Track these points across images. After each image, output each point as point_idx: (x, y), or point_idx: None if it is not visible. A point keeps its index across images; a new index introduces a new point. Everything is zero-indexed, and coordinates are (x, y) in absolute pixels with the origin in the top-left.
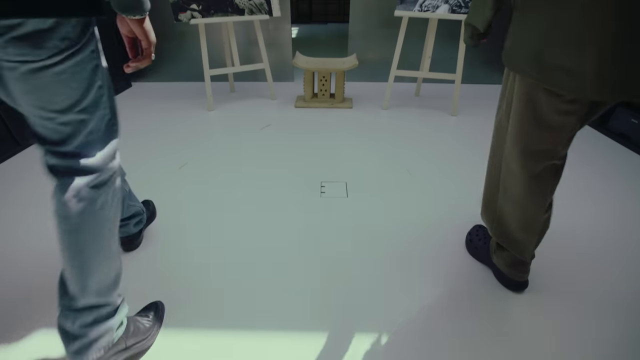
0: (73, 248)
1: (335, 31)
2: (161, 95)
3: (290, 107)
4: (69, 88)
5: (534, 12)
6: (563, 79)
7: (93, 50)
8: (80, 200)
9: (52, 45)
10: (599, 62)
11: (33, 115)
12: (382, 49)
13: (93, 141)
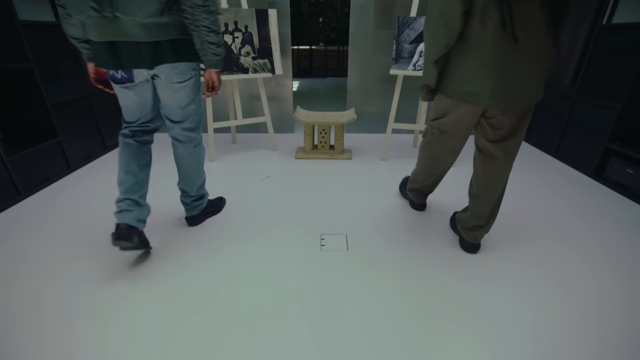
0: (184, 168)
1: (334, 84)
2: (165, 145)
3: (290, 158)
4: (190, 93)
5: (456, 65)
6: (471, 98)
7: (198, 76)
8: (190, 150)
9: (189, 73)
10: (490, 89)
11: (169, 107)
12: (379, 103)
13: (195, 121)
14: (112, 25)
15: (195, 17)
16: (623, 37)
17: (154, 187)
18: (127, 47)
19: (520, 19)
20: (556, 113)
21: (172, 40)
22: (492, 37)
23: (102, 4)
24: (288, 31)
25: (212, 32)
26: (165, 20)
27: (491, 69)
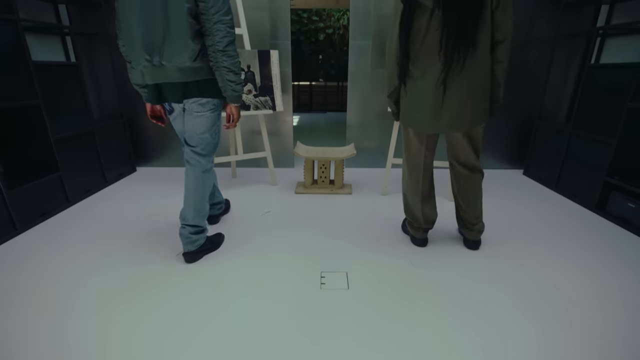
0: (191, 193)
1: (334, 119)
2: (164, 181)
3: (290, 193)
4: (206, 123)
5: (406, 97)
6: (415, 124)
7: (219, 111)
8: (198, 174)
9: (209, 107)
10: (426, 118)
11: (188, 131)
12: (379, 138)
13: (207, 149)
14: (159, 71)
15: (217, 60)
16: (611, 75)
17: (161, 218)
18: (168, 86)
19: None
20: (554, 147)
21: (198, 81)
22: (431, 87)
23: (152, 56)
24: (289, 70)
25: (231, 72)
26: (198, 64)
27: (429, 104)
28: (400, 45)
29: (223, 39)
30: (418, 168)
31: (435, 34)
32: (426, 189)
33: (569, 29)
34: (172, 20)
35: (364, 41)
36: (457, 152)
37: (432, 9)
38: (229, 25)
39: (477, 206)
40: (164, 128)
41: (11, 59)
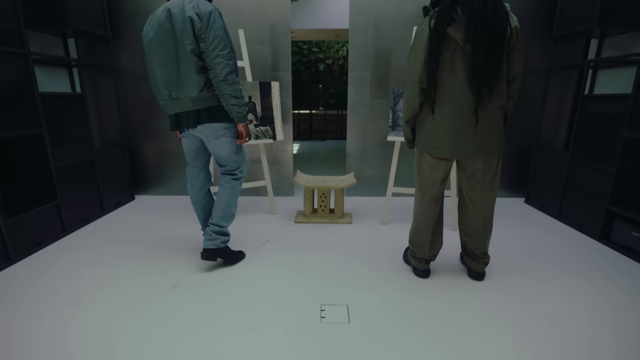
0: (221, 197)
1: (334, 147)
2: (163, 209)
3: (290, 223)
4: (226, 145)
5: (426, 124)
6: (436, 150)
7: (233, 132)
8: (227, 181)
9: (222, 132)
10: (450, 144)
11: (215, 155)
12: (379, 167)
13: (235, 166)
14: (176, 103)
15: (220, 88)
16: (605, 106)
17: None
18: (183, 115)
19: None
20: (554, 175)
21: (208, 108)
22: (456, 114)
23: (170, 90)
24: (289, 100)
25: (232, 97)
26: (205, 94)
27: (453, 132)
28: (430, 75)
29: (222, 71)
30: (432, 196)
31: (461, 66)
32: (437, 218)
33: (562, 61)
34: (181, 60)
35: (362, 73)
36: (473, 181)
37: (462, 45)
38: (227, 58)
39: (486, 239)
40: (164, 155)
41: (19, 91)
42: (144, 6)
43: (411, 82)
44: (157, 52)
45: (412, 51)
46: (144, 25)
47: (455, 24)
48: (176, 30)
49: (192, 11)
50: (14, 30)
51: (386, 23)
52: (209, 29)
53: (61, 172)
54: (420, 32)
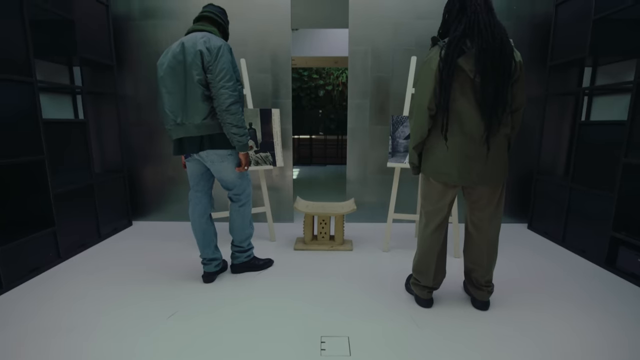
0: (233, 223)
1: (334, 172)
2: (161, 235)
3: (289, 250)
4: (231, 170)
5: (435, 150)
6: (444, 177)
7: (236, 158)
8: (236, 208)
9: (225, 158)
10: (458, 171)
11: (220, 179)
12: (379, 193)
13: (240, 190)
14: (181, 128)
15: (222, 117)
16: (603, 132)
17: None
18: (187, 140)
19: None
20: (556, 201)
21: (211, 135)
22: (464, 142)
23: (176, 116)
24: (289, 126)
25: (234, 126)
26: (209, 122)
27: (460, 157)
28: (442, 103)
29: (226, 101)
30: (438, 223)
31: (470, 95)
32: (442, 246)
33: (558, 88)
34: (188, 88)
35: (362, 100)
36: (478, 208)
37: (472, 76)
38: (231, 89)
39: (491, 267)
40: (163, 181)
41: (24, 118)
42: (147, 37)
43: (421, 108)
44: (169, 81)
45: (420, 79)
46: (160, 56)
47: (465, 56)
48: (187, 61)
49: (203, 45)
50: (22, 59)
51: (384, 52)
52: (217, 62)
53: (60, 197)
54: (429, 61)
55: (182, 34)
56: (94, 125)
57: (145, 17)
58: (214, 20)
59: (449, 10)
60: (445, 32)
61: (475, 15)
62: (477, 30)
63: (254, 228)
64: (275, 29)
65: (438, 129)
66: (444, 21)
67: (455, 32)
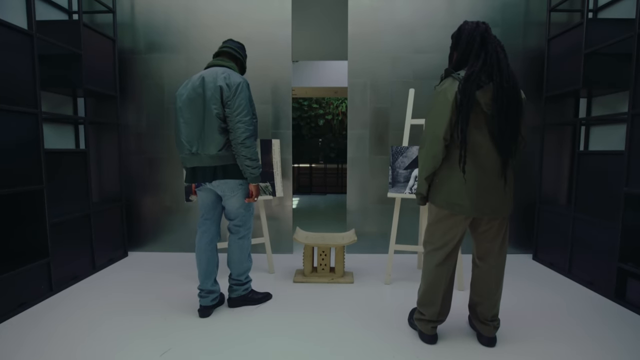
0: (231, 255)
1: (334, 201)
2: (156, 267)
3: (288, 282)
4: (238, 201)
5: (443, 182)
6: (458, 208)
7: (246, 189)
8: (235, 240)
9: (237, 188)
10: (472, 202)
11: (228, 210)
12: (380, 223)
13: (243, 221)
14: (196, 158)
15: (237, 150)
16: (602, 162)
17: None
18: (201, 169)
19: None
20: (560, 231)
21: (224, 166)
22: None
23: (192, 146)
24: (289, 156)
25: (248, 159)
26: (224, 153)
27: (475, 189)
28: (461, 135)
29: (242, 134)
30: (446, 256)
31: (485, 128)
32: (450, 279)
33: (555, 118)
34: (206, 121)
35: (361, 131)
36: (487, 239)
37: (486, 109)
38: (247, 124)
39: (498, 300)
40: (160, 211)
41: (26, 148)
42: (151, 69)
43: (436, 138)
44: (187, 111)
45: (435, 108)
46: (179, 87)
47: (481, 90)
48: (206, 95)
49: (223, 81)
50: (29, 91)
51: (383, 85)
52: (236, 98)
53: (55, 227)
54: (444, 91)
55: (183, 66)
56: (94, 154)
57: (149, 50)
58: (233, 56)
59: (467, 44)
60: (459, 65)
61: (496, 54)
62: (497, 68)
63: (252, 261)
64: (276, 62)
65: (451, 159)
66: (461, 54)
67: (474, 67)
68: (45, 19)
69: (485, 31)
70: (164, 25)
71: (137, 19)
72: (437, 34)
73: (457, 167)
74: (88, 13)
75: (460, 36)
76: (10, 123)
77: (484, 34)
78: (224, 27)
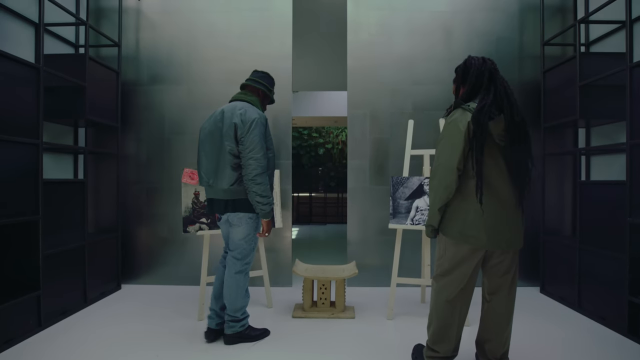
0: (226, 290)
1: (334, 232)
2: (150, 300)
3: (287, 317)
4: (242, 233)
5: (456, 214)
6: (473, 240)
7: (253, 223)
8: (231, 274)
9: (245, 221)
10: (486, 234)
11: (231, 240)
12: (381, 255)
13: (242, 254)
14: (211, 190)
15: (248, 185)
16: (604, 192)
17: None
18: (216, 201)
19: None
20: (567, 263)
21: (234, 200)
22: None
23: (209, 179)
24: (289, 187)
25: (258, 195)
26: (235, 188)
27: (491, 220)
28: (476, 166)
29: (253, 171)
30: (460, 290)
31: (498, 159)
32: (465, 315)
33: (554, 148)
34: (221, 155)
35: (361, 161)
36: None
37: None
38: (259, 161)
39: (508, 337)
40: (156, 242)
41: (24, 178)
42: (153, 100)
43: (449, 169)
44: (207, 144)
45: (448, 139)
46: (204, 121)
47: (493, 121)
48: (223, 130)
49: (238, 118)
50: (31, 122)
51: (383, 116)
52: (249, 134)
53: (49, 259)
54: (455, 121)
55: (185, 97)
56: (92, 183)
57: (152, 82)
58: (255, 88)
59: (477, 78)
60: (467, 98)
61: (504, 89)
62: (507, 102)
63: (249, 297)
64: (277, 94)
65: (464, 190)
66: (471, 88)
67: (486, 100)
68: (53, 53)
69: (493, 67)
70: (167, 58)
71: (141, 53)
72: (436, 67)
73: (471, 198)
74: (94, 47)
75: (467, 70)
76: (11, 153)
77: (492, 70)
78: (225, 61)
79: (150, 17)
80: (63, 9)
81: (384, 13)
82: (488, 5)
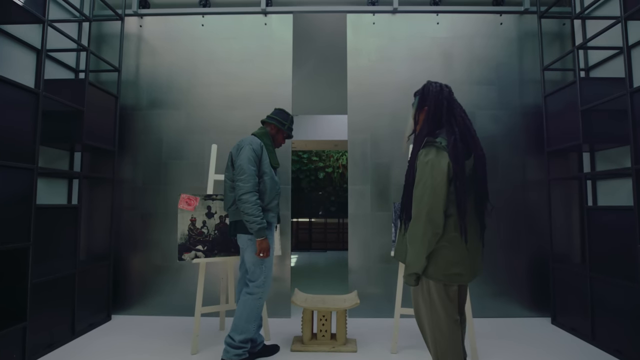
0: (238, 311)
1: (334, 259)
2: (141, 332)
3: (285, 351)
4: (250, 255)
5: (437, 256)
6: (457, 278)
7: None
8: (243, 292)
9: (247, 243)
10: (469, 269)
11: (244, 261)
12: (383, 284)
13: (255, 276)
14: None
15: (238, 205)
16: (612, 217)
17: None
18: (229, 224)
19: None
20: (578, 292)
21: (235, 221)
22: (474, 238)
23: (225, 204)
24: (288, 212)
25: (245, 213)
26: (233, 209)
27: (470, 255)
28: (461, 204)
29: (239, 191)
30: (457, 325)
31: (471, 196)
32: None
33: (559, 173)
34: (226, 182)
35: (362, 186)
36: (462, 299)
37: (472, 183)
38: (244, 182)
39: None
40: (149, 270)
41: (17, 204)
42: (151, 124)
43: (437, 212)
44: (228, 172)
45: (433, 182)
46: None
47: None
48: (228, 160)
49: (236, 147)
50: (28, 147)
51: (383, 140)
52: (237, 159)
53: (37, 288)
54: (438, 163)
55: (183, 122)
56: (86, 208)
57: (151, 107)
58: (268, 123)
59: (436, 107)
60: (430, 129)
61: (462, 119)
62: (470, 137)
63: (257, 327)
64: None
65: (447, 231)
66: (431, 117)
67: (454, 134)
68: (53, 78)
69: (449, 95)
70: (167, 84)
71: (141, 78)
72: None
73: (451, 236)
74: (95, 72)
75: (426, 98)
76: (5, 178)
77: (449, 98)
78: (225, 86)
79: (151, 43)
80: (66, 36)
81: (384, 40)
82: (488, 32)
